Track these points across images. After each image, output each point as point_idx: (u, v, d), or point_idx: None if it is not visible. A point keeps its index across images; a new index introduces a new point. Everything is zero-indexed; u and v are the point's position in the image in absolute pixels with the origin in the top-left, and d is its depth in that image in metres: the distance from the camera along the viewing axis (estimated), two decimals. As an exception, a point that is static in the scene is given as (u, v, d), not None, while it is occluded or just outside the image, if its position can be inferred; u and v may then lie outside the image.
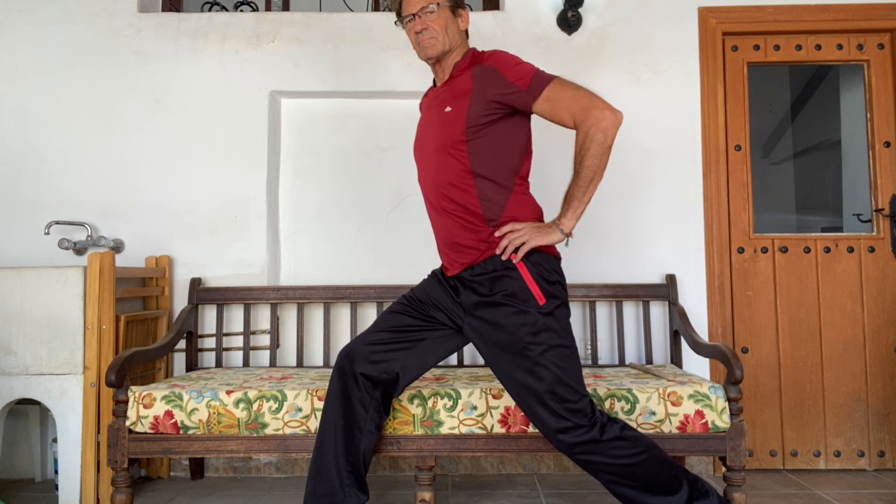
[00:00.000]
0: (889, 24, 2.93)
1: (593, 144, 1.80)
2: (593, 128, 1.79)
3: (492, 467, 2.86)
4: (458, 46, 1.98)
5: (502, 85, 1.85)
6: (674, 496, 1.84)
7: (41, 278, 2.41)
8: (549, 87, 1.83)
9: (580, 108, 1.81)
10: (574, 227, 1.88)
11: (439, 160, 1.93)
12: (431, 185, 1.96)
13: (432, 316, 2.00)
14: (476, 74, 1.89)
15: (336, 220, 3.02)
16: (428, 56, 1.97)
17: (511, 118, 1.89)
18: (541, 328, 1.83)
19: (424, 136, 2.02)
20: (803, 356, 2.91)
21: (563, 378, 1.82)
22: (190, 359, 2.83)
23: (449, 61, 1.98)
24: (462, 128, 1.87)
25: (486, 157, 1.88)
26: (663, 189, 2.93)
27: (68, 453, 2.40)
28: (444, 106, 1.92)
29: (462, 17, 2.00)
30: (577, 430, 1.81)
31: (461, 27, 1.99)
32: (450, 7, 1.96)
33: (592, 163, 1.82)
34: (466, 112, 1.87)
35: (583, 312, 2.92)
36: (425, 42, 1.94)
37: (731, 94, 2.99)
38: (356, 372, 1.94)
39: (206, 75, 2.96)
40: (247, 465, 2.87)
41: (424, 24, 1.93)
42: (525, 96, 1.84)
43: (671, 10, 2.96)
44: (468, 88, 1.88)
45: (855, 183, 3.14)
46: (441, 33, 1.94)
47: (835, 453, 2.88)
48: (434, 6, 1.93)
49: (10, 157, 2.95)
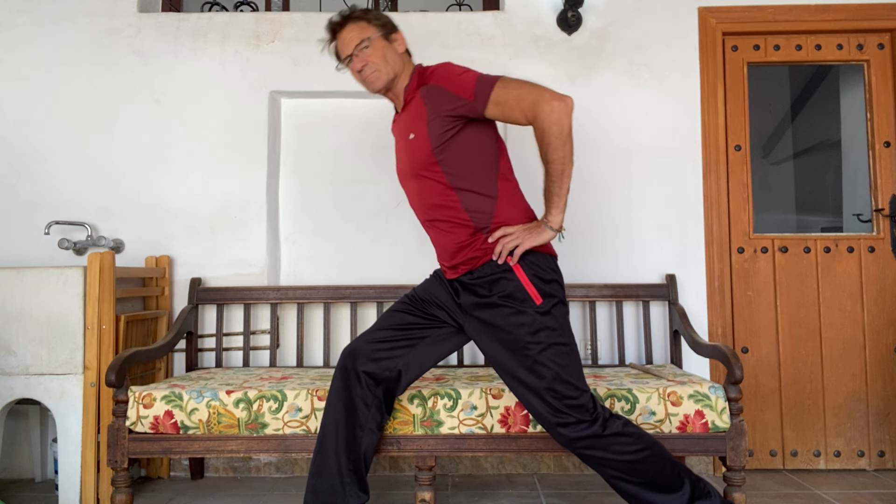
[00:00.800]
0: (889, 24, 2.93)
1: (551, 137, 1.81)
2: (546, 121, 1.79)
3: (492, 467, 2.86)
4: (402, 70, 2.00)
5: (450, 100, 1.86)
6: (675, 494, 1.85)
7: (41, 278, 2.41)
8: (495, 90, 1.83)
9: (528, 105, 1.81)
10: (562, 220, 1.89)
11: (419, 184, 1.97)
12: (418, 206, 2.02)
13: (434, 314, 2.03)
14: (425, 95, 1.91)
15: (336, 220, 3.02)
16: (376, 89, 2.00)
17: (472, 124, 1.91)
18: (539, 327, 1.85)
19: (400, 164, 2.05)
20: (803, 356, 2.91)
21: (563, 375, 1.84)
22: (190, 359, 2.83)
23: (399, 87, 2.01)
24: (429, 150, 1.89)
25: (461, 169, 1.90)
26: (663, 189, 2.93)
27: (68, 453, 2.40)
28: (408, 133, 1.95)
29: (397, 41, 2.01)
30: (579, 424, 1.84)
31: (399, 51, 2.01)
32: (382, 36, 1.98)
33: (557, 155, 1.82)
34: (428, 134, 1.89)
35: (583, 312, 2.92)
36: (370, 77, 1.97)
37: (731, 94, 2.99)
38: (359, 370, 1.96)
39: (206, 75, 2.96)
40: (247, 465, 2.87)
41: (363, 60, 1.96)
42: (474, 105, 1.85)
43: (671, 10, 2.96)
44: (423, 111, 1.91)
45: (855, 183, 3.14)
46: (382, 64, 1.96)
47: (835, 453, 2.88)
48: (366, 40, 1.95)
49: (10, 157, 2.95)
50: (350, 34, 1.97)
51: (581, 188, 2.93)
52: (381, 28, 1.98)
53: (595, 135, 2.94)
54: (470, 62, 2.94)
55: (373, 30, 1.97)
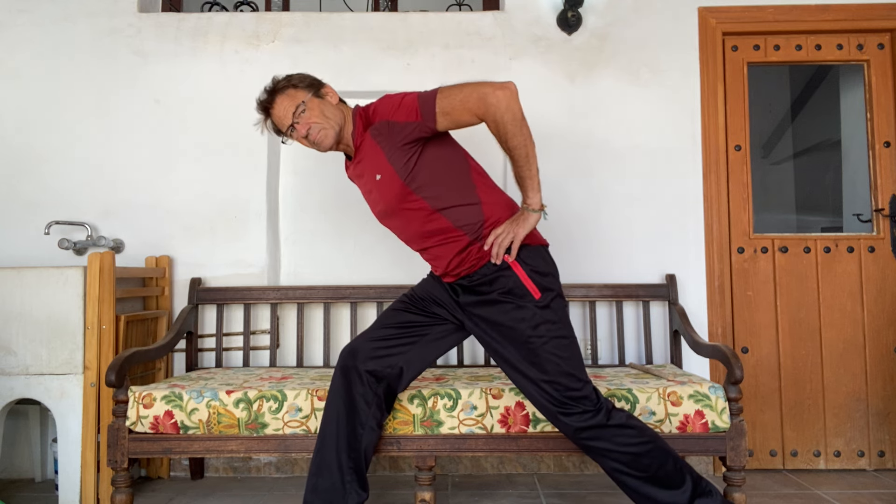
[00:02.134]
0: (889, 24, 2.93)
1: (507, 126, 1.81)
2: (497, 112, 1.80)
3: (492, 467, 2.86)
4: (344, 120, 2.00)
5: (400, 129, 1.87)
6: (677, 490, 1.87)
7: (41, 278, 2.41)
8: (438, 103, 1.84)
9: (475, 103, 1.81)
10: (540, 199, 1.90)
11: (401, 219, 1.97)
12: (408, 239, 2.02)
13: (434, 312, 2.05)
14: (375, 135, 1.91)
15: (336, 220, 3.02)
16: (328, 146, 1.99)
17: (430, 143, 1.92)
18: (539, 321, 1.88)
19: (376, 206, 2.03)
20: (803, 356, 2.91)
21: (566, 367, 1.87)
22: (190, 359, 2.83)
23: (346, 135, 2.01)
24: (401, 183, 1.90)
25: (437, 190, 1.91)
26: (663, 189, 2.93)
27: (68, 453, 2.40)
28: (374, 174, 1.95)
29: (329, 94, 2.01)
30: (583, 414, 1.86)
31: (333, 102, 2.01)
32: (313, 95, 1.98)
33: (518, 141, 1.83)
34: (394, 170, 1.89)
35: (583, 312, 2.92)
36: (318, 137, 1.96)
37: (731, 94, 2.99)
38: (360, 369, 1.97)
39: (206, 75, 2.96)
40: (247, 465, 2.87)
41: (305, 124, 1.96)
42: (424, 125, 1.86)
43: (671, 10, 2.96)
44: (378, 150, 1.91)
45: (855, 183, 3.14)
46: (323, 121, 1.96)
47: (835, 453, 2.88)
48: (301, 104, 1.95)
49: (10, 157, 2.94)
50: (282, 105, 1.97)
51: (581, 188, 2.93)
52: (309, 89, 1.98)
53: (595, 135, 2.94)
54: (470, 62, 2.96)
55: (303, 93, 1.97)
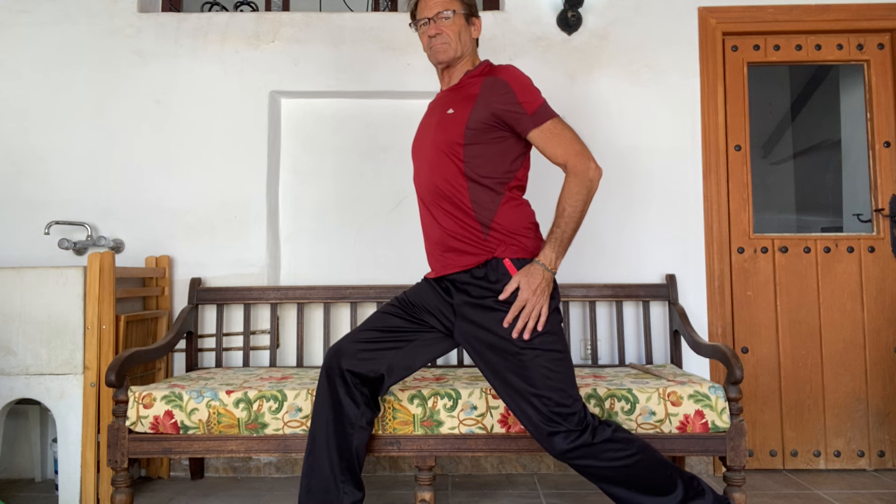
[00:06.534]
0: (889, 24, 2.93)
1: (583, 190, 1.84)
2: (584, 175, 1.84)
3: (492, 467, 2.86)
4: (468, 54, 2.01)
5: (509, 101, 1.86)
6: (668, 496, 1.83)
7: (41, 278, 2.41)
8: (553, 121, 1.87)
9: (576, 151, 1.85)
10: (554, 260, 1.84)
11: (435, 159, 1.94)
12: (426, 182, 1.98)
13: (422, 319, 2.00)
14: (486, 84, 1.90)
15: (336, 220, 3.02)
16: (439, 61, 1.99)
17: (507, 133, 1.90)
18: (534, 333, 1.83)
19: (423, 135, 2.03)
20: (803, 356, 2.91)
21: (555, 383, 1.82)
22: (190, 359, 2.83)
23: (458, 67, 2.01)
24: (461, 130, 1.89)
25: (480, 162, 1.89)
26: (663, 189, 2.93)
27: (68, 453, 2.40)
28: (447, 108, 1.94)
29: (475, 26, 2.02)
30: (569, 434, 1.80)
31: (473, 35, 2.02)
32: (464, 14, 1.98)
33: (577, 208, 1.85)
34: (468, 116, 1.88)
35: (583, 312, 2.92)
36: (438, 47, 1.96)
37: (731, 93, 2.99)
38: (343, 368, 1.95)
39: (206, 75, 2.96)
40: (247, 465, 2.87)
41: (439, 28, 1.95)
42: (527, 120, 1.86)
43: (671, 10, 2.96)
44: (475, 94, 1.90)
45: (855, 183, 3.14)
46: (454, 39, 1.96)
47: (835, 453, 2.88)
48: (450, 12, 1.95)
49: (10, 157, 2.95)
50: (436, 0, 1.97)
51: (581, 188, 2.93)
52: (465, 7, 1.99)
53: (595, 135, 2.93)
54: (470, 62, 2.96)
55: (459, 4, 1.97)
